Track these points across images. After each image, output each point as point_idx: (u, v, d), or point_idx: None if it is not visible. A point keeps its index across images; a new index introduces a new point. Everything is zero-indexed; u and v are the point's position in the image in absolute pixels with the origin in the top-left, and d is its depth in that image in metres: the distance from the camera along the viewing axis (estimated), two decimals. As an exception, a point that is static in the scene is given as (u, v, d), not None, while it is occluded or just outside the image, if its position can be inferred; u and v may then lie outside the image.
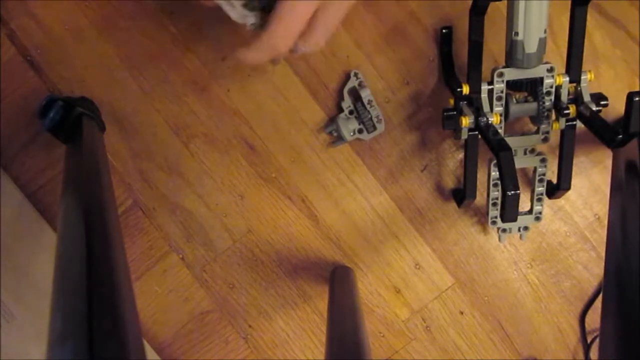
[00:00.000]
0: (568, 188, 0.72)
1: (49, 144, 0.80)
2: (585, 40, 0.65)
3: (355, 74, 0.76)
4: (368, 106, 0.74)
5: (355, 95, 0.77)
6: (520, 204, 0.57)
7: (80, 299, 0.39)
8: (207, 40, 0.78)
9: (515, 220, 0.56)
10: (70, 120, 0.69)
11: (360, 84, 0.76)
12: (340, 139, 0.77)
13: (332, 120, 0.78)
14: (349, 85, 0.76)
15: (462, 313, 0.84)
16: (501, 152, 0.56)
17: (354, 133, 0.76)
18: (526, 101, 0.67)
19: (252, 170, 0.81)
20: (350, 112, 0.76)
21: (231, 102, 0.80)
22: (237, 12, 0.49)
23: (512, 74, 0.64)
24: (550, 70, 0.64)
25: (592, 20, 0.76)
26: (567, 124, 0.68)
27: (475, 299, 0.84)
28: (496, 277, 0.83)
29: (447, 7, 0.77)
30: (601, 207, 0.81)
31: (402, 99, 0.79)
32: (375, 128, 0.76)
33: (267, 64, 0.78)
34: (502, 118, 0.67)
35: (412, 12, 0.77)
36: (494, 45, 0.76)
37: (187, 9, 0.78)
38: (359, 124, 0.75)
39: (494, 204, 0.74)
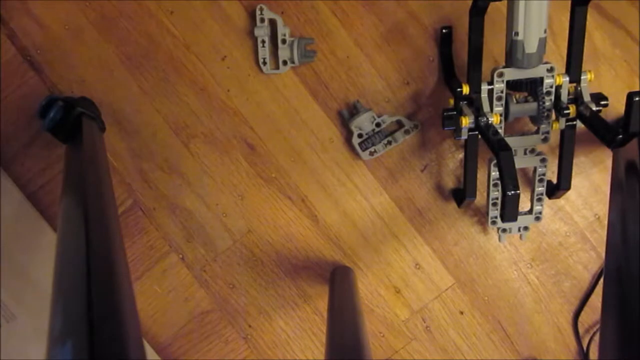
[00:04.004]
0: (568, 188, 0.72)
1: (49, 144, 0.80)
2: (585, 40, 0.65)
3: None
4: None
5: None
6: (520, 204, 0.57)
7: (80, 298, 0.39)
8: (207, 40, 0.78)
9: (515, 220, 0.56)
10: (70, 120, 0.69)
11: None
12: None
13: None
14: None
15: (462, 313, 0.84)
16: (501, 152, 0.56)
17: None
18: (526, 101, 0.67)
19: (252, 170, 0.81)
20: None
21: (231, 102, 0.80)
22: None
23: (512, 74, 0.64)
24: (550, 70, 0.64)
25: (592, 20, 0.76)
26: (567, 124, 0.68)
27: (475, 299, 0.84)
28: (496, 277, 0.83)
29: (447, 7, 0.77)
30: (601, 207, 0.81)
31: (402, 99, 0.79)
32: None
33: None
34: (502, 118, 0.67)
35: (412, 12, 0.77)
36: (494, 45, 0.76)
37: (187, 9, 0.78)
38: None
39: (494, 204, 0.74)
